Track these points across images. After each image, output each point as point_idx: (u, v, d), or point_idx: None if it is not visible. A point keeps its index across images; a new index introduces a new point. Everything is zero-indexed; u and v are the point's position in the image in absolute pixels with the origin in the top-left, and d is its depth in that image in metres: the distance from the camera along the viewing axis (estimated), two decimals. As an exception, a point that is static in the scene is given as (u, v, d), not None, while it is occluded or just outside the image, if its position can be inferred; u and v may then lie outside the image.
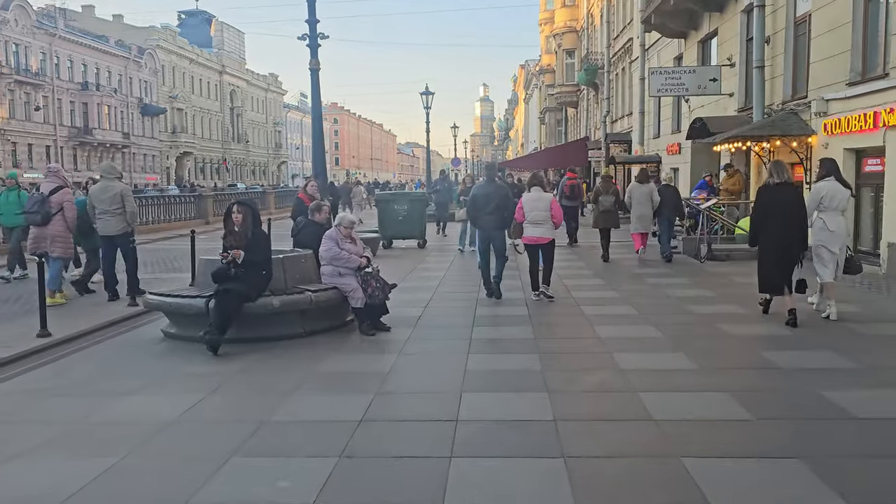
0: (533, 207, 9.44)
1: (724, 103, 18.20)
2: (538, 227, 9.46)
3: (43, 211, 9.88)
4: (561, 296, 9.97)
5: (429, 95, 29.08)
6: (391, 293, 8.34)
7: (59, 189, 10.15)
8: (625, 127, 32.56)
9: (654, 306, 9.15)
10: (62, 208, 10.03)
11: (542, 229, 9.46)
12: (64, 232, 10.05)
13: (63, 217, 10.02)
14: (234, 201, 7.20)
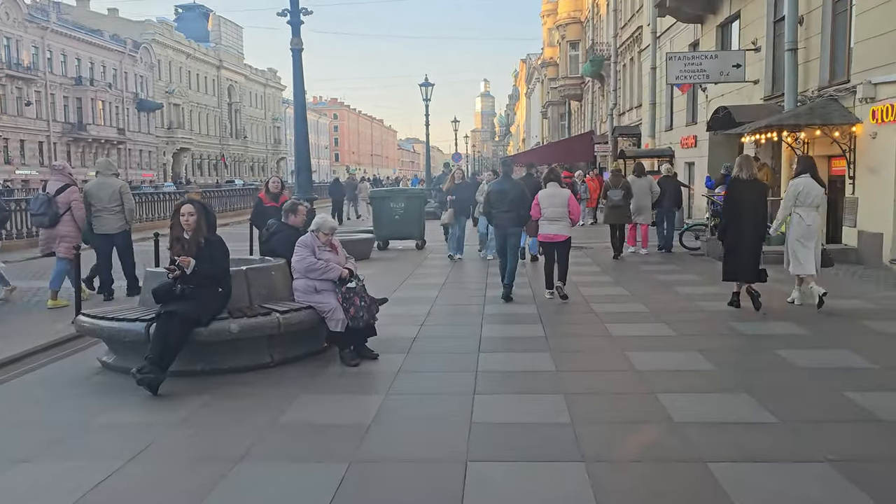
0: (550, 204, 9.20)
1: (747, 91, 16.78)
2: (555, 223, 9.20)
3: (50, 212, 9.46)
4: (580, 309, 8.65)
5: (428, 87, 27.69)
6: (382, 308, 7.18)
7: (66, 188, 9.66)
8: (633, 120, 31.14)
9: (692, 324, 7.78)
10: (70, 208, 9.57)
11: (558, 226, 9.21)
12: (74, 232, 9.60)
13: (72, 216, 9.59)
14: (182, 199, 5.78)
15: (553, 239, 9.28)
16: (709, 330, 7.51)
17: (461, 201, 13.64)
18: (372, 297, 6.41)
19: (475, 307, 8.80)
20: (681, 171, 22.15)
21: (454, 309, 8.87)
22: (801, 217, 8.28)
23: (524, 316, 8.28)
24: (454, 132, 51.66)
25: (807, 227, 8.28)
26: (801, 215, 8.28)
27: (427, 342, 7.02)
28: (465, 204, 13.70)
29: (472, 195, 13.56)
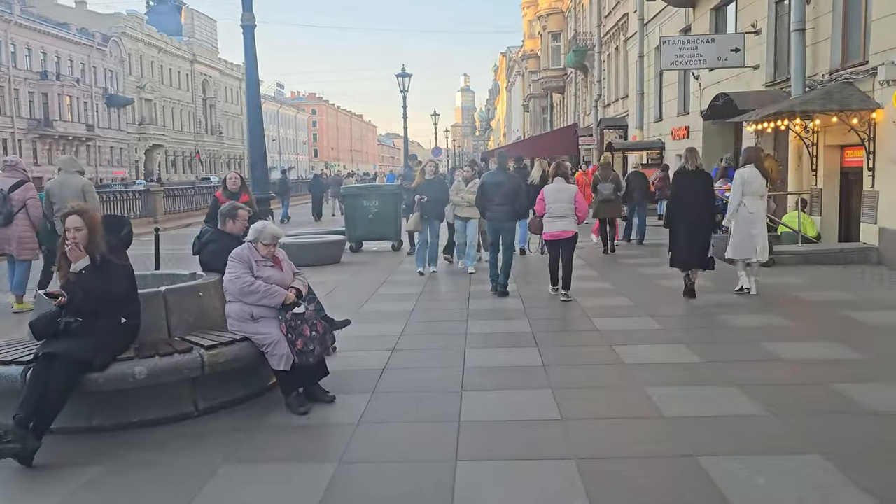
0: (556, 199, 8.77)
1: (746, 78, 15.61)
2: (561, 220, 8.79)
3: (5, 210, 8.82)
4: (582, 324, 7.43)
5: (405, 77, 26.34)
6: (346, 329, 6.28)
7: (21, 184, 9.00)
8: (619, 111, 30.01)
9: (718, 348, 6.55)
10: (25, 206, 8.92)
11: (564, 223, 8.79)
12: (30, 232, 9.00)
13: (27, 215, 8.95)
14: (68, 209, 4.39)
15: (559, 236, 8.83)
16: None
17: (433, 203, 10.88)
18: (326, 324, 5.10)
19: (457, 324, 7.51)
20: (672, 164, 20.97)
21: (432, 327, 7.55)
22: (745, 205, 8.61)
23: (516, 337, 6.97)
24: (434, 126, 50.29)
25: (749, 215, 8.64)
26: (745, 203, 8.61)
27: (398, 375, 5.70)
28: (437, 205, 10.97)
29: (445, 194, 11.07)
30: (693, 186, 8.54)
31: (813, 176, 12.52)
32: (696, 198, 8.47)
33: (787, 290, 9.07)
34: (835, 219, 12.28)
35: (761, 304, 8.29)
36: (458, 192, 10.78)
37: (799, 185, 12.87)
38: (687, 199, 8.50)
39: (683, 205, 8.49)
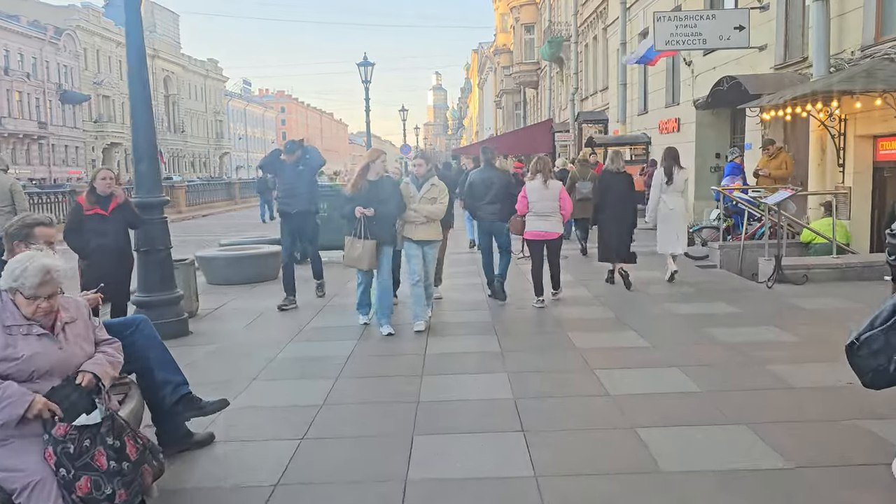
0: (539, 197, 8.26)
1: (750, 61, 13.65)
2: (545, 220, 8.30)
3: None
4: (574, 363, 5.35)
5: (367, 67, 24.12)
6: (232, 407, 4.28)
7: None
8: (598, 105, 28.07)
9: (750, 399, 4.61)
10: None
11: (549, 223, 8.32)
12: None
13: None
14: None
15: (544, 237, 8.34)
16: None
17: (382, 218, 6.90)
18: (148, 440, 2.89)
19: (405, 390, 5.27)
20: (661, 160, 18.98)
21: (371, 390, 5.36)
22: (665, 202, 9.26)
23: (490, 408, 4.83)
24: (402, 122, 47.93)
25: (669, 211, 9.27)
26: (666, 200, 9.26)
27: (301, 498, 3.51)
28: (386, 222, 7.00)
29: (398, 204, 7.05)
30: (617, 186, 9.08)
31: (840, 172, 10.55)
32: (620, 197, 9.04)
33: (831, 320, 7.01)
34: (866, 223, 10.32)
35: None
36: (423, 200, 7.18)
37: (822, 184, 10.89)
38: (612, 198, 9.00)
39: (609, 203, 8.96)
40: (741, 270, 10.01)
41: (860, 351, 2.79)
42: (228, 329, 7.27)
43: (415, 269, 7.07)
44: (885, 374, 2.72)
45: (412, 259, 7.11)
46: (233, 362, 6.02)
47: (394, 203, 6.89)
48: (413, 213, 6.98)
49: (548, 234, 8.32)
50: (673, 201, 9.25)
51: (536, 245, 8.43)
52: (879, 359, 2.72)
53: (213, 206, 34.89)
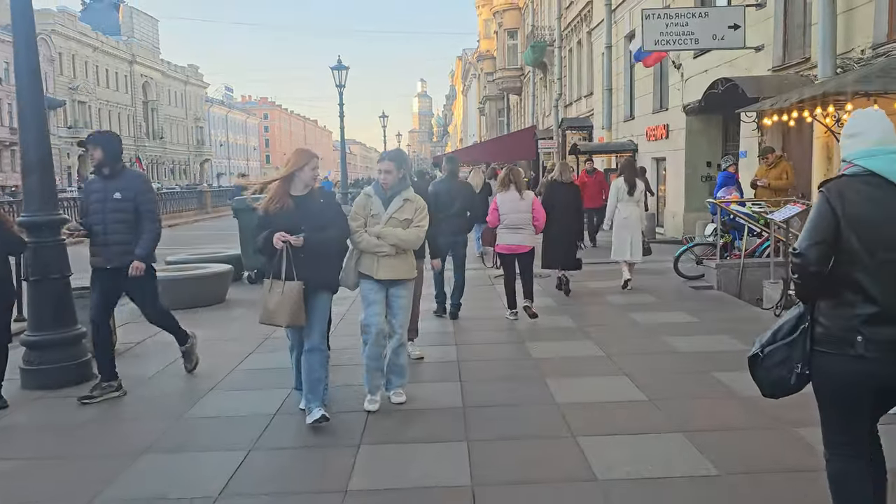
0: (511, 209, 8.03)
1: (744, 63, 12.67)
2: (517, 232, 8.08)
3: None
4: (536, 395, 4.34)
5: (341, 70, 23.01)
6: None
7: None
8: (582, 111, 27.09)
9: None
10: None
11: (521, 235, 8.09)
12: None
13: None
14: None
15: (516, 250, 8.10)
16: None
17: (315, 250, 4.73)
18: None
19: (337, 465, 4.18)
20: (648, 169, 18.00)
21: (283, 480, 4.22)
22: (620, 210, 9.75)
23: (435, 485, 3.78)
24: (383, 129, 46.86)
25: (623, 220, 9.73)
26: (620, 209, 9.75)
27: None
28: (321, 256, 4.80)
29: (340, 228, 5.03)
30: (564, 197, 9.36)
31: (848, 183, 9.51)
32: (567, 207, 9.30)
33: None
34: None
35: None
36: (356, 219, 5.12)
37: (827, 196, 9.86)
38: (559, 207, 9.15)
39: (556, 212, 9.00)
40: (740, 293, 9.03)
41: (764, 363, 2.85)
42: (139, 373, 6.09)
43: (373, 322, 5.06)
44: (786, 385, 2.82)
45: (372, 307, 5.10)
46: (125, 425, 4.88)
47: (334, 226, 4.84)
48: (376, 242, 5.00)
49: (520, 247, 8.09)
50: (628, 210, 9.76)
51: (509, 258, 8.20)
52: (781, 370, 2.80)
53: (181, 216, 33.54)
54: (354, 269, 5.09)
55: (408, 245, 5.08)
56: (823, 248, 2.65)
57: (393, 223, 5.03)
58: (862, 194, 2.66)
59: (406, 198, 5.09)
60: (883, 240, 2.62)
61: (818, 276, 2.67)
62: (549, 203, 9.08)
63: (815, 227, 2.69)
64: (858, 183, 2.69)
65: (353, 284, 5.14)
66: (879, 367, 2.62)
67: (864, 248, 2.61)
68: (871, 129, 2.78)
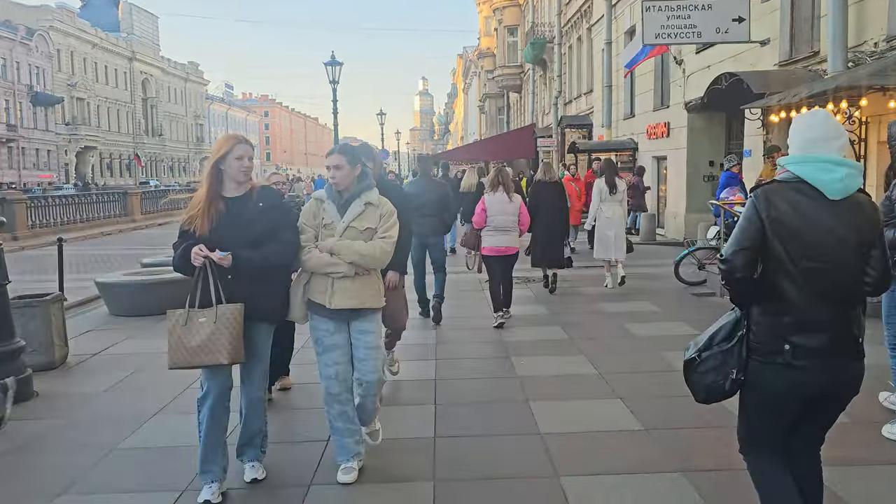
0: (499, 211, 7.83)
1: (749, 58, 12.12)
2: (504, 234, 7.89)
3: None
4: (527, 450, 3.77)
5: (335, 66, 22.47)
6: None
7: None
8: (582, 108, 26.54)
9: None
10: None
11: (508, 237, 7.91)
12: None
13: None
14: None
15: (503, 252, 7.93)
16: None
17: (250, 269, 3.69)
18: None
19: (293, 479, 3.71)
20: (648, 168, 17.45)
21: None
22: (603, 210, 9.90)
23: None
24: (380, 126, 46.26)
25: (606, 220, 9.89)
26: (603, 209, 9.90)
27: None
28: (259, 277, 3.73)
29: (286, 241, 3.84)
30: (549, 196, 9.39)
31: (859, 185, 8.96)
32: (552, 205, 9.33)
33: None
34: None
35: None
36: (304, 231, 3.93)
37: (837, 198, 9.30)
38: (544, 206, 9.22)
39: (541, 212, 9.11)
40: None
41: (699, 367, 2.85)
42: (85, 391, 5.54)
43: (332, 374, 3.92)
44: (720, 391, 2.80)
45: (329, 353, 3.91)
46: (45, 459, 4.29)
47: (274, 239, 3.72)
48: (328, 259, 3.81)
49: (508, 248, 7.93)
50: (611, 210, 9.91)
51: (495, 261, 7.96)
52: (716, 376, 2.80)
53: (172, 214, 32.90)
54: (303, 296, 3.89)
55: (371, 262, 3.86)
56: (748, 254, 2.63)
57: (351, 234, 3.84)
58: (789, 201, 2.60)
59: (368, 201, 3.90)
60: (805, 248, 2.57)
61: (743, 283, 2.65)
62: (534, 203, 9.21)
63: (742, 232, 2.65)
64: (787, 189, 2.62)
65: (302, 317, 3.94)
66: (807, 376, 2.59)
67: (787, 255, 2.58)
68: (808, 132, 2.68)
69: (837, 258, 2.56)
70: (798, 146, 2.67)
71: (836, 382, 2.65)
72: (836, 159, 2.58)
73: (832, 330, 2.58)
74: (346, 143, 4.29)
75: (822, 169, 2.57)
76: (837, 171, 2.55)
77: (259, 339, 3.77)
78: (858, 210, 2.59)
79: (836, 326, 2.59)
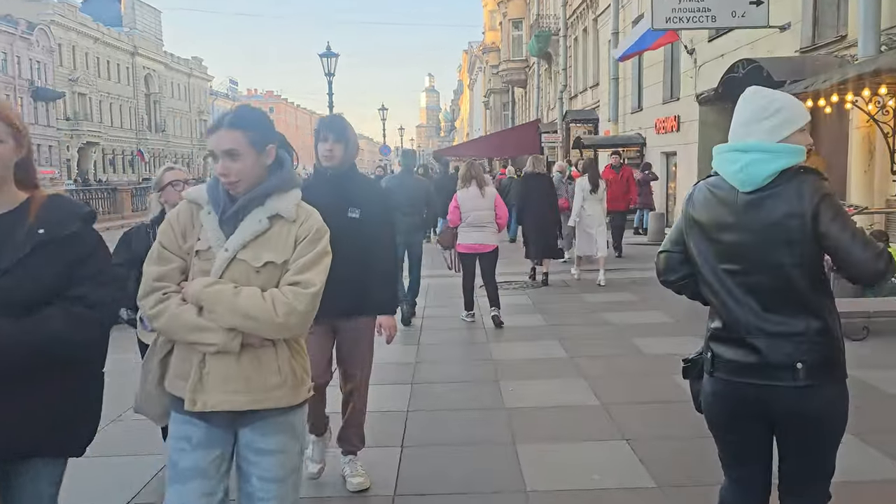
0: (473, 206, 7.54)
1: (766, 45, 11.21)
2: (480, 230, 7.59)
3: None
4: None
5: (330, 58, 21.60)
6: None
7: None
8: (587, 103, 25.66)
9: None
10: None
11: (484, 234, 7.61)
12: None
13: None
14: None
15: (477, 249, 7.69)
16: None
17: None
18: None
19: None
20: (657, 164, 16.55)
21: None
22: (584, 208, 10.17)
23: None
24: (382, 122, 45.39)
25: (588, 217, 10.17)
26: (585, 207, 10.16)
27: None
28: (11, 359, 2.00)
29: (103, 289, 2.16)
30: (538, 188, 9.60)
31: (894, 182, 8.06)
32: (541, 198, 9.50)
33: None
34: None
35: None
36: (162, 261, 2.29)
37: (867, 197, 8.41)
38: (534, 199, 9.44)
39: (531, 204, 9.39)
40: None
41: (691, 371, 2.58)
42: None
43: None
44: None
45: (183, 484, 2.25)
46: None
47: (69, 298, 2.03)
48: (192, 321, 2.18)
49: (483, 246, 7.65)
50: (593, 207, 10.16)
51: (470, 258, 7.73)
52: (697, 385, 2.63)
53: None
54: (158, 381, 2.34)
55: (267, 330, 2.19)
56: (668, 256, 2.47)
57: (238, 272, 2.22)
58: (704, 198, 2.38)
59: (276, 213, 2.27)
60: (719, 248, 2.31)
61: (671, 286, 2.52)
62: (524, 195, 9.54)
63: (670, 232, 2.52)
64: (707, 185, 2.41)
65: (160, 414, 2.39)
66: (727, 389, 2.33)
67: (701, 257, 2.36)
68: (735, 117, 2.39)
69: (755, 258, 2.22)
70: (732, 130, 2.39)
71: (769, 407, 2.25)
72: (743, 146, 2.26)
73: (755, 342, 2.21)
74: (247, 107, 2.45)
75: (727, 160, 2.31)
76: (741, 160, 2.24)
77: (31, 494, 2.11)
78: (781, 200, 2.17)
79: (760, 339, 2.21)
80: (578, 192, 10.11)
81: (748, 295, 2.23)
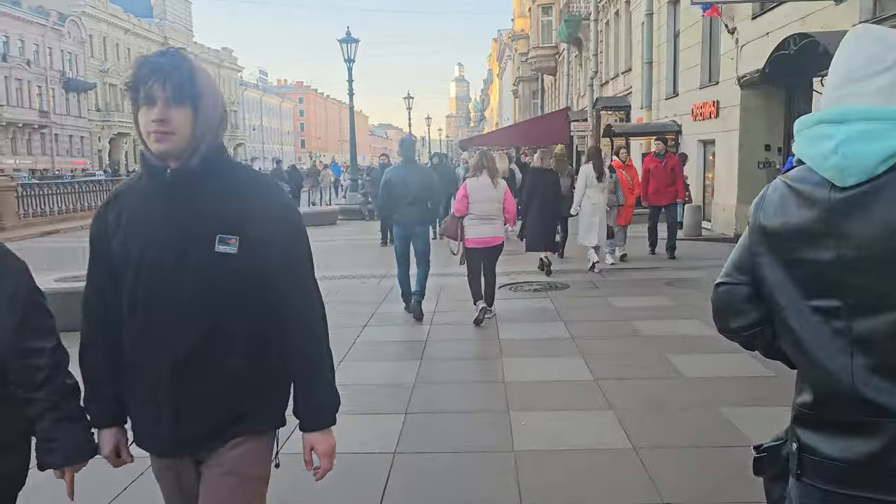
0: (482, 198, 7.23)
1: (820, 19, 10.12)
2: (488, 223, 7.30)
3: None
4: None
5: (350, 44, 20.78)
6: None
7: None
8: (619, 89, 24.53)
9: None
10: None
11: (492, 227, 7.34)
12: None
13: None
14: None
15: (488, 243, 7.30)
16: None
17: None
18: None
19: None
20: (693, 153, 15.48)
21: None
22: (588, 196, 9.99)
23: None
24: (407, 111, 44.54)
25: (591, 206, 9.97)
26: (589, 195, 9.98)
27: None
28: None
29: None
30: (543, 182, 9.94)
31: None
32: (546, 191, 9.85)
33: None
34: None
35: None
36: None
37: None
38: (538, 192, 9.79)
39: (536, 198, 9.70)
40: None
41: None
42: None
43: None
44: None
45: None
46: None
47: None
48: None
49: (493, 239, 7.40)
50: (596, 196, 9.99)
51: (478, 252, 7.33)
52: None
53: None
54: None
55: None
56: (730, 290, 1.64)
57: None
58: (780, 198, 1.52)
59: None
60: (806, 278, 1.46)
61: (736, 337, 1.77)
62: (530, 189, 9.71)
63: (732, 253, 1.67)
64: (787, 179, 1.54)
65: None
66: None
67: (780, 291, 1.51)
68: (833, 69, 1.51)
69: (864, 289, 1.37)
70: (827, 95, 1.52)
71: None
72: (838, 113, 1.42)
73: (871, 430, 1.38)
74: None
75: (814, 136, 1.46)
76: (835, 135, 1.40)
77: None
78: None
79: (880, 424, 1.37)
80: (581, 180, 10.06)
81: (856, 350, 1.38)
